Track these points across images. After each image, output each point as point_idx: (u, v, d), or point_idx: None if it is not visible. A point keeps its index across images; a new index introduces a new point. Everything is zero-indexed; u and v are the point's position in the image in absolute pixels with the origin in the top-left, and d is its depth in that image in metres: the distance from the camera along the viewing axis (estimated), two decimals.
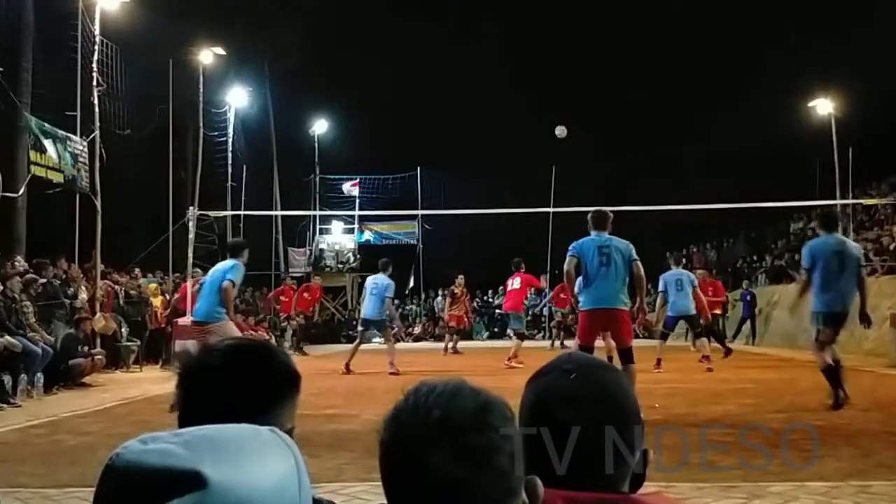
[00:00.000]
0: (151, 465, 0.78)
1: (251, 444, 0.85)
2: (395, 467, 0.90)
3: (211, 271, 8.35)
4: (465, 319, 17.58)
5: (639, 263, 6.83)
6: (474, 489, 0.86)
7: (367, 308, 11.75)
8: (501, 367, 11.95)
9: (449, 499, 0.86)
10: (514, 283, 13.83)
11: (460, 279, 16.79)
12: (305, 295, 18.38)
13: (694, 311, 11.64)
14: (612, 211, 7.16)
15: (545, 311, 21.49)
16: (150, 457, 0.79)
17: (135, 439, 0.83)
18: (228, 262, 8.05)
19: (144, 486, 0.77)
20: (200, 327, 7.90)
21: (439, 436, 0.87)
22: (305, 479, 0.85)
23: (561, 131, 15.26)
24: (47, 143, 12.10)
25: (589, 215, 7.07)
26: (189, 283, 14.29)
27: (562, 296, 14.10)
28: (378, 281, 11.72)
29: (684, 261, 17.86)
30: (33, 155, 11.89)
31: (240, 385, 1.26)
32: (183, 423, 1.27)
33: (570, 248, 6.96)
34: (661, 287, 11.73)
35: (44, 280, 11.15)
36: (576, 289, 7.32)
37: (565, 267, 7.04)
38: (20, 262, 11.65)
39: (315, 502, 1.11)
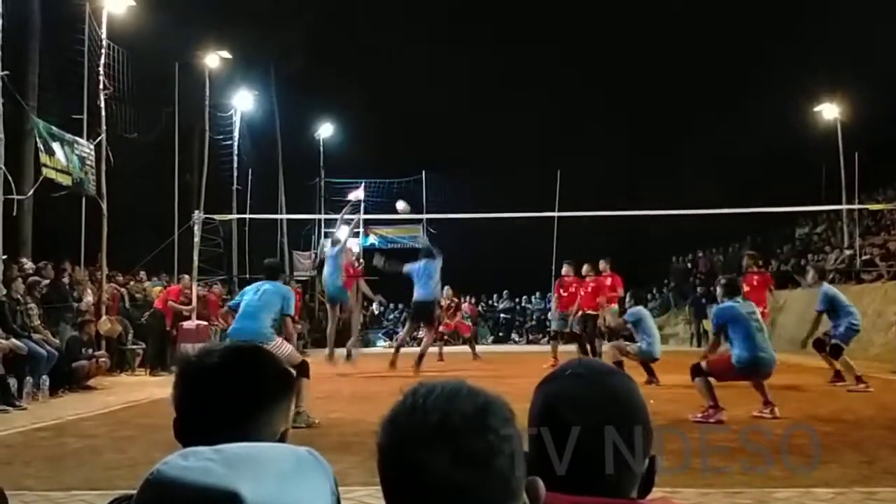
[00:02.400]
0: (192, 483, 0.79)
1: (290, 465, 0.86)
2: (392, 471, 0.89)
3: (256, 289, 7.25)
4: (462, 327, 17.33)
5: None
6: (474, 492, 0.85)
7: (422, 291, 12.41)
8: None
9: (448, 502, 0.85)
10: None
11: (447, 291, 16.49)
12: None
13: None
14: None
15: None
16: (192, 474, 0.79)
17: (176, 454, 0.83)
18: (283, 289, 7.33)
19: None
20: None
21: (437, 439, 0.85)
22: (339, 501, 0.85)
23: (403, 207, 14.97)
24: (55, 146, 12.12)
25: (720, 283, 7.71)
26: (180, 287, 14.31)
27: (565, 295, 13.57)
28: (433, 265, 12.42)
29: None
30: (43, 157, 11.88)
31: (237, 384, 1.29)
32: (182, 421, 1.29)
33: (718, 318, 7.42)
34: (824, 305, 9.83)
35: (47, 281, 11.18)
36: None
37: (714, 339, 7.78)
38: (27, 264, 11.68)
39: None
